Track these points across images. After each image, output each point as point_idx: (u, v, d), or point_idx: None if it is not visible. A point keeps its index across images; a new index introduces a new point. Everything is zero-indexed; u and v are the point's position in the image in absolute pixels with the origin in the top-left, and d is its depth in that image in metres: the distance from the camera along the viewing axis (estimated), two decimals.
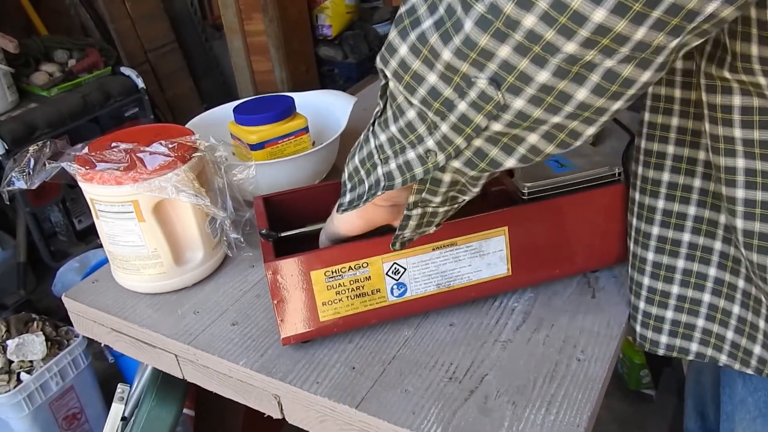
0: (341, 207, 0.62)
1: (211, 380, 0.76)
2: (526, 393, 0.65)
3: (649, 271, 0.69)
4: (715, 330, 0.68)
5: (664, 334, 0.71)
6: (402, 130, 0.52)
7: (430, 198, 0.56)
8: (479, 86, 0.44)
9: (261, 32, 2.98)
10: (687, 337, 0.70)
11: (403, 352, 0.71)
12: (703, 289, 0.67)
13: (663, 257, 0.68)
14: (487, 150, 0.49)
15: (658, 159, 0.65)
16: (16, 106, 2.17)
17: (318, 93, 1.15)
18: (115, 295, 0.85)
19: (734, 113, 0.55)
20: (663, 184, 0.65)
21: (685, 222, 0.65)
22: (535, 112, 0.44)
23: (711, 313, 0.68)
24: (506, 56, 0.42)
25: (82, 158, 0.78)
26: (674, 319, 0.70)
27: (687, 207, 0.65)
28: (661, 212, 0.66)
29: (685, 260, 0.67)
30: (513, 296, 0.78)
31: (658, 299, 0.70)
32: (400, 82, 0.49)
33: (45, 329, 1.71)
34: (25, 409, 1.60)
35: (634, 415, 1.84)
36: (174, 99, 3.02)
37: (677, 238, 0.66)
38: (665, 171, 0.65)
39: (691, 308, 0.69)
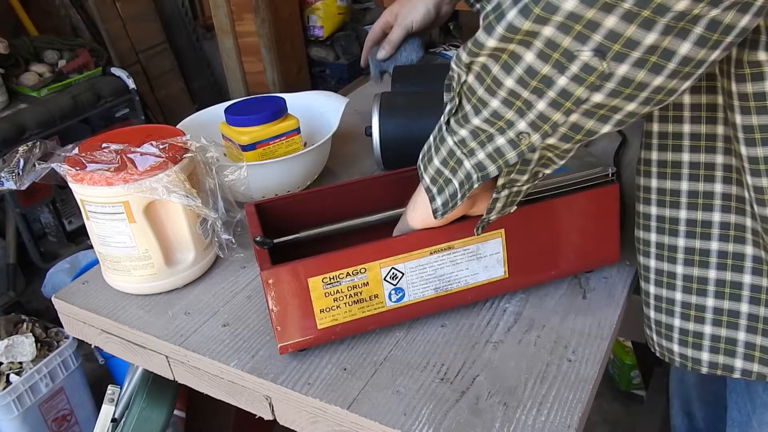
0: (437, 212, 0.63)
1: (202, 381, 0.76)
2: (518, 394, 0.65)
3: (680, 286, 0.68)
4: (758, 342, 0.65)
5: (705, 351, 0.69)
6: (487, 120, 0.54)
7: (518, 177, 0.57)
8: (582, 59, 0.45)
9: (252, 33, 2.98)
10: (730, 353, 0.68)
11: (394, 353, 0.71)
12: (739, 299, 0.65)
13: (693, 269, 0.66)
14: (583, 123, 0.51)
15: (674, 168, 0.64)
16: (5, 106, 2.16)
17: (310, 94, 1.15)
18: (105, 297, 0.85)
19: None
20: (683, 193, 0.65)
21: (711, 230, 0.64)
22: (638, 75, 0.45)
23: (751, 324, 0.65)
24: (613, 25, 0.43)
25: (72, 159, 0.77)
26: (713, 334, 0.67)
27: (711, 214, 0.64)
28: (684, 222, 0.65)
29: (716, 270, 0.65)
30: (504, 297, 0.78)
31: (693, 314, 0.68)
32: (488, 74, 0.51)
33: (35, 330, 1.71)
34: (14, 411, 1.59)
35: (625, 415, 1.85)
36: (165, 100, 3.01)
37: (705, 248, 0.65)
38: (683, 180, 0.64)
39: (730, 321, 0.66)
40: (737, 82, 0.55)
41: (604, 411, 1.86)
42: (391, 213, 0.82)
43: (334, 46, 3.27)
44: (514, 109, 0.51)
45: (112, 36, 2.79)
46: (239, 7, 2.94)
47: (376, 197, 0.83)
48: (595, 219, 0.76)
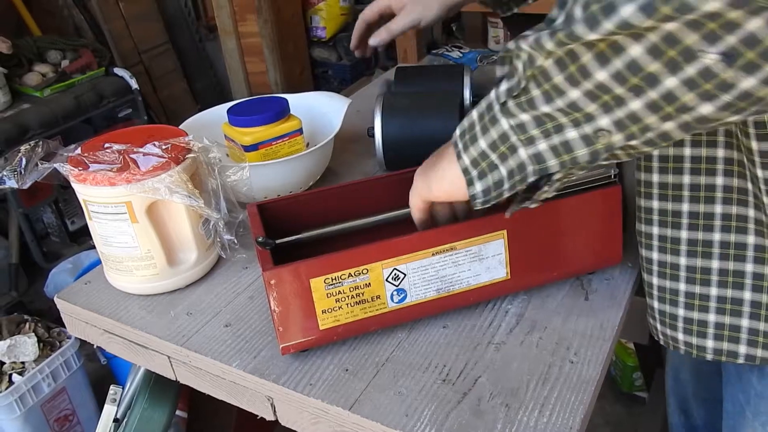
0: (476, 199, 0.59)
1: (204, 382, 0.76)
2: (519, 395, 0.65)
3: (684, 277, 0.68)
4: (761, 328, 0.66)
5: (710, 338, 0.70)
6: (561, 110, 0.48)
7: (576, 172, 0.54)
8: (704, 61, 0.40)
9: (255, 34, 2.98)
10: (734, 340, 0.68)
11: (396, 354, 0.71)
12: (742, 288, 0.66)
13: (696, 260, 0.67)
14: (676, 133, 0.45)
15: (676, 163, 0.64)
16: (8, 106, 2.17)
17: (312, 94, 1.15)
18: (107, 297, 0.85)
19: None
20: (685, 186, 0.65)
21: (714, 221, 0.65)
22: (763, 91, 0.40)
23: (754, 311, 0.66)
24: (756, 28, 0.37)
25: (75, 159, 0.77)
26: (717, 321, 0.68)
27: (713, 206, 0.64)
28: (687, 215, 0.66)
29: (719, 260, 0.66)
30: (506, 298, 0.78)
31: (697, 303, 0.69)
32: (574, 61, 0.45)
33: (37, 330, 1.71)
34: (16, 411, 1.59)
35: (627, 417, 1.84)
36: (167, 100, 3.02)
37: (708, 239, 0.66)
38: (685, 174, 0.64)
39: (734, 309, 0.67)
40: (759, 140, 0.55)
41: (606, 412, 1.86)
42: (394, 214, 0.82)
43: (336, 46, 3.27)
44: (599, 103, 0.46)
45: (114, 36, 2.79)
46: (242, 8, 2.94)
47: (378, 198, 0.83)
48: (597, 220, 0.76)
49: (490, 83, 1.18)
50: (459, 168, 0.60)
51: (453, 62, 1.33)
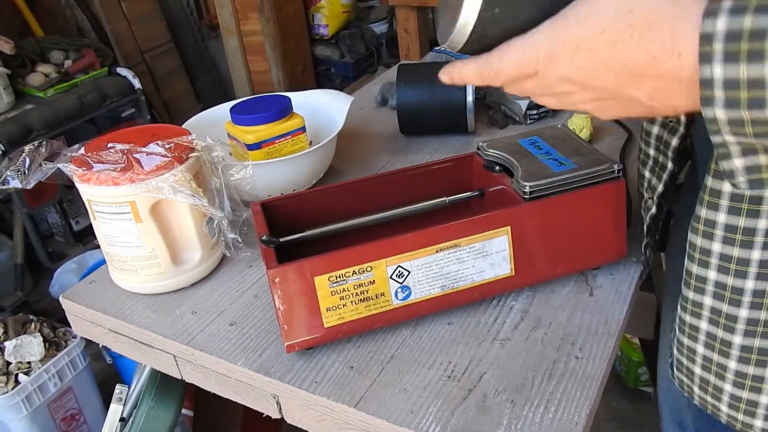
0: (736, 175, 0.44)
1: (210, 380, 0.76)
2: (525, 391, 0.65)
3: (736, 356, 0.61)
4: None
5: (759, 419, 0.63)
6: None
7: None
8: None
9: (257, 32, 2.98)
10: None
11: (401, 351, 0.71)
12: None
13: (754, 340, 0.60)
14: None
15: (746, 236, 0.56)
16: (12, 107, 2.17)
17: (315, 92, 1.15)
18: (112, 296, 0.85)
19: None
20: (753, 263, 0.56)
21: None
22: None
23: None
24: None
25: (78, 159, 0.78)
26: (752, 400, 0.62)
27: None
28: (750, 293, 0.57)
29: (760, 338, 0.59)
30: (511, 294, 0.78)
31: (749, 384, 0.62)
32: None
33: (43, 330, 1.71)
34: (23, 410, 1.59)
35: (633, 412, 1.84)
36: (170, 99, 3.02)
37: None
38: (755, 249, 0.56)
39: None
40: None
41: (612, 408, 1.85)
42: (397, 211, 0.82)
43: (338, 44, 3.27)
44: None
45: (117, 36, 2.79)
46: (244, 7, 2.94)
47: (381, 195, 0.83)
48: (601, 215, 0.76)
49: None
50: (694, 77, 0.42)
51: (456, 59, 1.33)
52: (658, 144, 0.71)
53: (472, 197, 0.85)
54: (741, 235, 0.55)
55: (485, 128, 1.21)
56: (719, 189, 0.55)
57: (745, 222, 0.55)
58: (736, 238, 0.56)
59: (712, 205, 0.56)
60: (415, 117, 1.16)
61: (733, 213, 0.55)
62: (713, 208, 0.56)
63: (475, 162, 0.85)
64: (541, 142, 0.81)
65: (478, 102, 1.16)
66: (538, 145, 0.81)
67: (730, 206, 0.55)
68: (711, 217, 0.57)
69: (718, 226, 0.57)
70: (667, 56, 0.42)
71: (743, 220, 0.55)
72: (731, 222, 0.56)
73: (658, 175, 0.72)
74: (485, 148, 0.83)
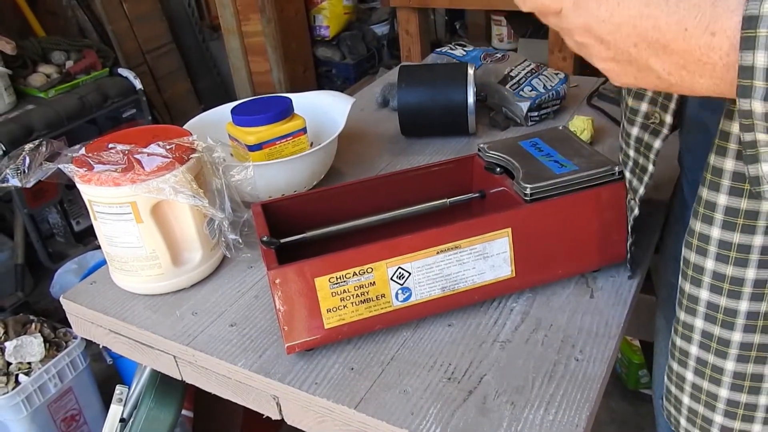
0: (763, 182, 0.42)
1: (210, 381, 0.76)
2: (525, 393, 0.65)
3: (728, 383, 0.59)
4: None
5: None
6: None
7: None
8: None
9: (258, 33, 2.99)
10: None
11: (401, 352, 0.71)
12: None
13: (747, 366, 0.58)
14: None
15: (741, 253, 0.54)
16: (13, 107, 2.17)
17: (316, 94, 1.15)
18: (113, 297, 0.85)
19: None
20: (747, 282, 0.55)
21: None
22: None
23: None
24: None
25: (79, 160, 0.78)
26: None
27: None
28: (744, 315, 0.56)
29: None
30: (511, 296, 0.78)
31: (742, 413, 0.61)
32: None
33: (43, 331, 1.71)
34: (23, 411, 1.59)
35: (633, 414, 1.84)
36: (171, 100, 3.02)
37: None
38: (749, 267, 0.54)
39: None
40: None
41: (612, 410, 1.85)
42: (398, 212, 0.82)
43: (340, 45, 3.27)
44: None
45: (118, 36, 2.80)
46: (245, 7, 2.94)
47: (382, 197, 0.83)
48: (602, 217, 0.76)
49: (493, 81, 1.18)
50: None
51: (457, 60, 1.33)
52: (638, 146, 0.68)
53: (472, 199, 0.85)
54: (735, 252, 0.54)
55: (486, 130, 1.21)
56: (714, 201, 0.53)
57: (739, 238, 0.53)
58: (731, 255, 0.54)
59: (707, 219, 0.55)
60: (416, 118, 1.16)
61: (727, 228, 0.53)
62: (707, 221, 0.55)
63: (476, 163, 0.85)
64: (541, 144, 0.81)
65: (479, 103, 1.16)
66: (539, 147, 0.81)
67: (725, 220, 0.53)
68: (705, 232, 0.55)
69: (712, 241, 0.55)
70: (699, 32, 0.39)
71: (738, 236, 0.53)
72: (725, 238, 0.54)
73: (639, 177, 0.70)
74: (486, 149, 0.83)
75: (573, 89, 1.31)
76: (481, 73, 1.24)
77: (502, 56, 1.28)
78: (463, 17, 3.28)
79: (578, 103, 1.28)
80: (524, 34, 2.65)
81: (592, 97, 1.29)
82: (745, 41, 0.37)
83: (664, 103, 0.62)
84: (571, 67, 2.07)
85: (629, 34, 0.42)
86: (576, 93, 1.31)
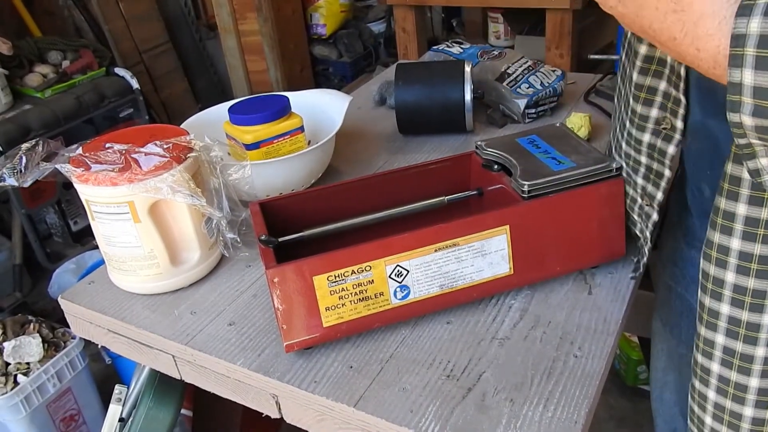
0: (763, 173, 0.43)
1: (209, 380, 0.76)
2: (524, 390, 0.65)
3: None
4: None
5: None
6: None
7: None
8: None
9: (255, 32, 2.98)
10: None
11: (400, 350, 0.71)
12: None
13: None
14: None
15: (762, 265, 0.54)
16: (9, 107, 2.17)
17: (313, 92, 1.15)
18: (111, 297, 0.85)
19: None
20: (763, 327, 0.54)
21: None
22: None
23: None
24: None
25: (77, 159, 0.77)
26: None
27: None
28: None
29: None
30: (510, 293, 0.78)
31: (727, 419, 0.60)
32: None
33: (41, 331, 1.71)
34: (22, 411, 1.59)
35: (632, 411, 1.84)
36: (169, 99, 3.02)
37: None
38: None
39: None
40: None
41: (611, 406, 1.85)
42: (396, 211, 0.82)
43: (336, 44, 3.27)
44: None
45: (115, 36, 2.79)
46: (242, 6, 2.94)
47: (380, 195, 0.83)
48: (600, 214, 0.76)
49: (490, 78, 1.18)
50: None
51: (454, 58, 1.33)
52: (650, 152, 0.68)
53: (470, 196, 0.85)
54: (757, 264, 0.52)
55: (484, 127, 1.21)
56: (733, 211, 0.52)
57: (761, 249, 0.52)
58: (752, 267, 0.53)
59: (726, 230, 0.53)
60: (413, 116, 1.16)
61: (747, 239, 0.52)
62: (726, 232, 0.53)
63: (474, 161, 0.85)
64: (539, 141, 0.81)
65: (477, 101, 1.16)
66: (537, 144, 0.81)
67: (745, 231, 0.52)
68: (724, 243, 0.54)
69: (732, 253, 0.53)
70: (686, 44, 0.41)
71: (759, 247, 0.52)
72: (746, 249, 0.52)
73: (654, 182, 0.70)
74: (484, 147, 0.83)
75: (570, 86, 1.31)
76: (478, 70, 1.24)
77: (499, 53, 1.28)
78: (460, 15, 3.28)
79: (575, 100, 1.28)
80: (521, 32, 2.65)
81: (590, 94, 1.29)
82: (732, 58, 0.38)
83: (673, 109, 0.62)
84: (568, 64, 2.07)
85: (632, 24, 0.46)
86: (573, 90, 1.31)
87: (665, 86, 0.62)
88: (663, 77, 0.62)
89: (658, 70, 0.62)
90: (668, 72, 0.61)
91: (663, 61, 0.61)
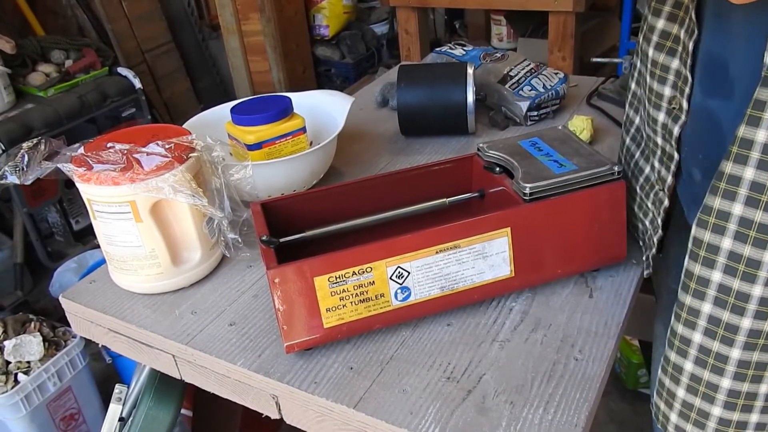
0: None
1: (209, 380, 0.76)
2: (524, 393, 0.65)
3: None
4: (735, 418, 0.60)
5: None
6: None
7: None
8: None
9: (258, 32, 2.98)
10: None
11: (400, 352, 0.71)
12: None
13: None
14: None
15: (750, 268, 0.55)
16: (12, 106, 2.17)
17: (315, 93, 1.15)
18: (112, 296, 0.85)
19: None
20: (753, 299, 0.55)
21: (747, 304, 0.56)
22: None
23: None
24: None
25: (78, 159, 0.78)
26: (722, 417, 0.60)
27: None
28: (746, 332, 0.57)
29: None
30: (511, 296, 0.78)
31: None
32: None
33: (42, 330, 1.71)
34: (22, 410, 1.59)
35: (632, 414, 1.84)
36: (171, 99, 3.02)
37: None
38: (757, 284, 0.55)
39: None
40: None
41: (611, 410, 1.85)
42: (397, 212, 0.82)
43: (339, 45, 3.27)
44: None
45: (118, 36, 2.79)
46: (245, 7, 2.94)
47: (381, 196, 0.83)
48: (601, 217, 0.76)
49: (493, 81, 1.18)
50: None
51: (456, 60, 1.33)
52: (664, 132, 0.68)
53: (472, 198, 0.85)
54: (756, 231, 0.54)
55: (485, 129, 1.21)
56: (740, 176, 0.53)
57: (761, 217, 0.53)
58: (750, 234, 0.54)
59: (729, 194, 0.55)
60: (415, 118, 1.16)
61: (750, 205, 0.53)
62: (729, 197, 0.55)
63: (476, 163, 0.85)
64: (541, 144, 0.81)
65: (479, 103, 1.16)
66: (539, 147, 0.81)
67: (749, 196, 0.53)
68: (725, 209, 0.55)
69: (732, 218, 0.55)
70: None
71: (760, 214, 0.53)
72: (747, 215, 0.54)
73: (666, 165, 0.70)
74: (485, 149, 0.83)
75: (572, 89, 1.31)
76: (480, 72, 1.24)
77: (502, 56, 1.28)
78: (463, 17, 3.28)
79: (578, 102, 1.28)
80: (524, 34, 2.65)
81: (592, 97, 1.29)
82: None
83: (681, 88, 0.63)
84: (570, 66, 2.07)
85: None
86: (575, 93, 1.31)
87: (677, 64, 0.63)
88: (676, 55, 0.63)
89: (672, 48, 0.63)
90: (680, 49, 0.62)
91: (678, 38, 0.62)
